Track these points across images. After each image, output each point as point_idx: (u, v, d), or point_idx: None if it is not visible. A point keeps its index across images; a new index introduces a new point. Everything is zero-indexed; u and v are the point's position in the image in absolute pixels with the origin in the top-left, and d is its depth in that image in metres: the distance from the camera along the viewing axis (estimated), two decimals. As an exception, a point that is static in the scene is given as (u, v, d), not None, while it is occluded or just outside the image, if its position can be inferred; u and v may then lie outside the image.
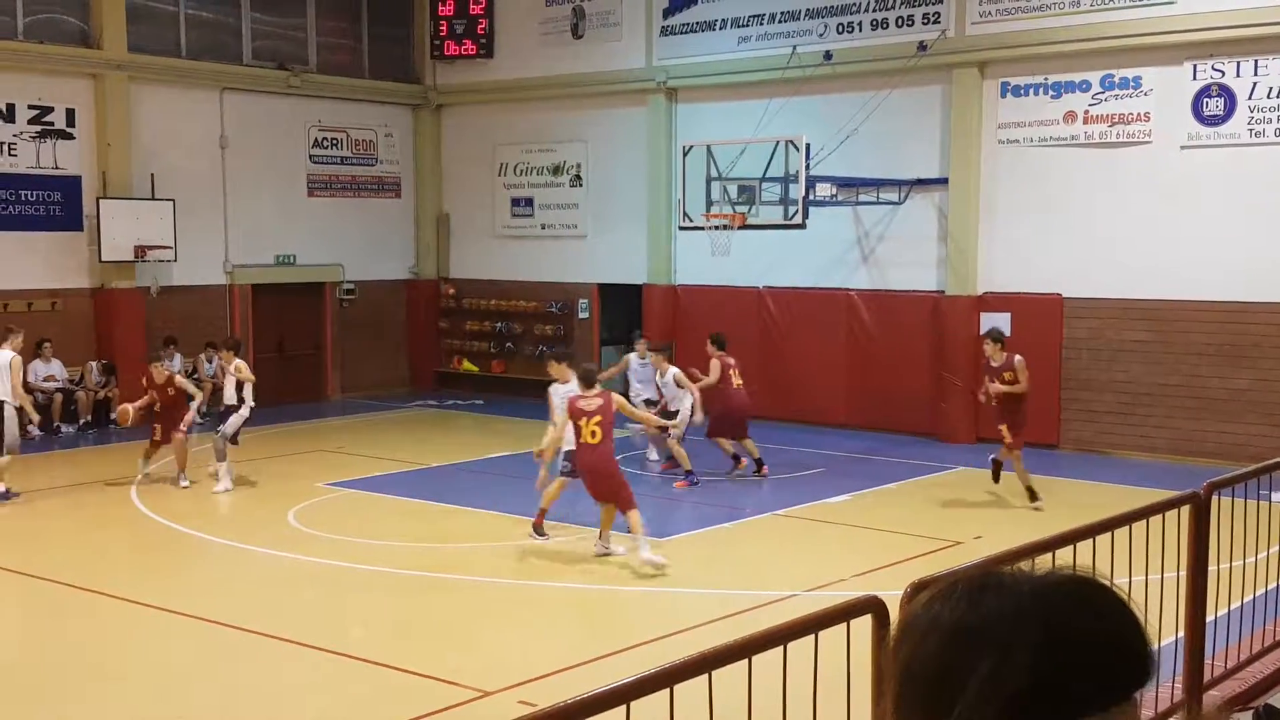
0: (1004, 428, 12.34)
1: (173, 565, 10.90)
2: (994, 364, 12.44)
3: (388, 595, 9.88)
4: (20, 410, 13.31)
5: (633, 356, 15.15)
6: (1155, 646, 1.17)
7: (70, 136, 17.94)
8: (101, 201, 17.83)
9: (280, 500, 12.81)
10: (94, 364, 18.02)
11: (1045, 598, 1.14)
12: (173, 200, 18.50)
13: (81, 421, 17.64)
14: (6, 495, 12.84)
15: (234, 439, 13.49)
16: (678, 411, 13.83)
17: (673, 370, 13.99)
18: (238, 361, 13.68)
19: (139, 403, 13.69)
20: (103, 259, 17.91)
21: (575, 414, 10.32)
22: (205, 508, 12.80)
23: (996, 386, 12.31)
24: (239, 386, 13.52)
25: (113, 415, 17.79)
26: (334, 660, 8.21)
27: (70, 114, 17.93)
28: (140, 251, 18.10)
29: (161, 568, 10.75)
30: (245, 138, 19.73)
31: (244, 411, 13.48)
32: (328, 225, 20.80)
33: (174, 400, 13.59)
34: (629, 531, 10.29)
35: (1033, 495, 12.30)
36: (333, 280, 21.07)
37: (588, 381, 10.48)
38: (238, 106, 19.66)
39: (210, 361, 19.08)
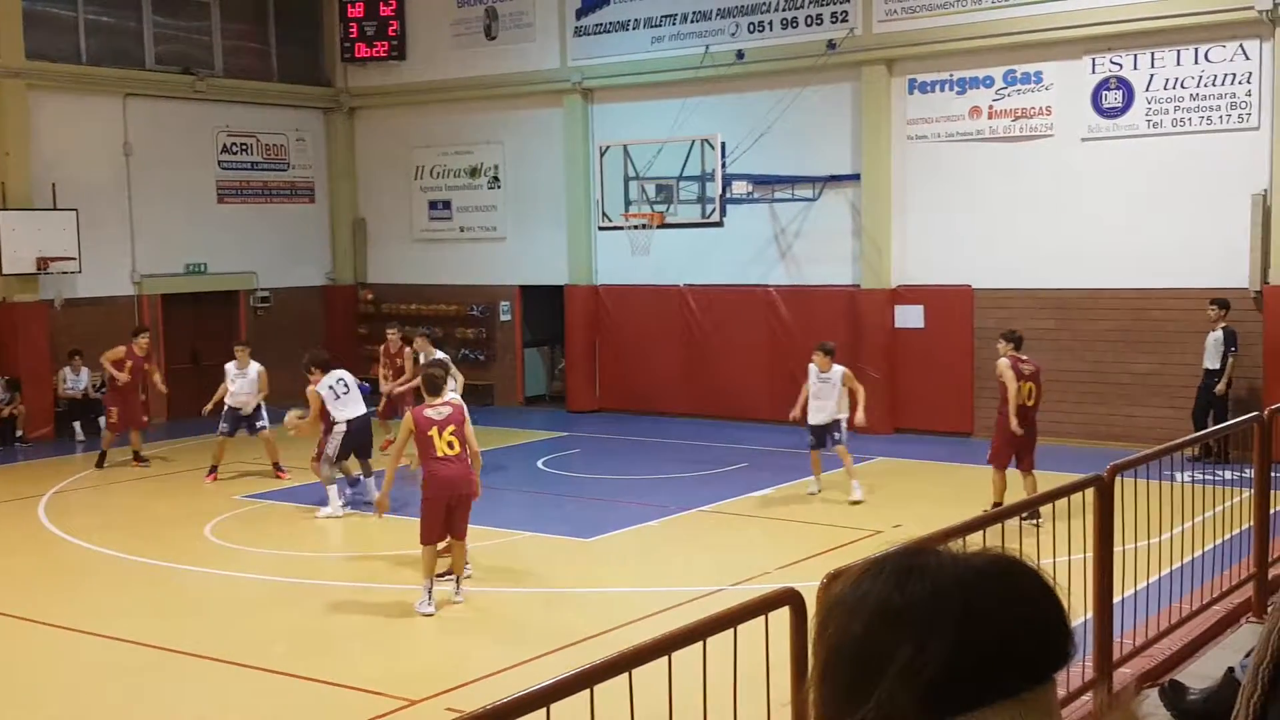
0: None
1: (85, 585, 10.64)
2: (1026, 371, 11.48)
3: (308, 607, 9.75)
4: None
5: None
6: (1075, 626, 1.17)
7: (-33, 147, 17.44)
8: (1, 213, 17.35)
9: (196, 515, 12.58)
10: (-2, 380, 17.51)
11: (968, 580, 1.12)
12: (76, 210, 18.02)
13: (-13, 439, 17.14)
14: None
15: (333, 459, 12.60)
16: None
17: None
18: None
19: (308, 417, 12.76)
20: (3, 272, 17.39)
21: (424, 424, 9.15)
22: (116, 525, 12.52)
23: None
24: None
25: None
26: (256, 675, 8.09)
27: (-34, 124, 17.43)
28: (43, 264, 17.61)
29: (73, 587, 10.49)
30: (150, 145, 19.30)
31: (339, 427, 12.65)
32: (239, 232, 20.44)
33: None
34: (460, 569, 9.45)
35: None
36: (246, 288, 20.71)
37: (435, 389, 9.40)
38: (142, 113, 19.22)
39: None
